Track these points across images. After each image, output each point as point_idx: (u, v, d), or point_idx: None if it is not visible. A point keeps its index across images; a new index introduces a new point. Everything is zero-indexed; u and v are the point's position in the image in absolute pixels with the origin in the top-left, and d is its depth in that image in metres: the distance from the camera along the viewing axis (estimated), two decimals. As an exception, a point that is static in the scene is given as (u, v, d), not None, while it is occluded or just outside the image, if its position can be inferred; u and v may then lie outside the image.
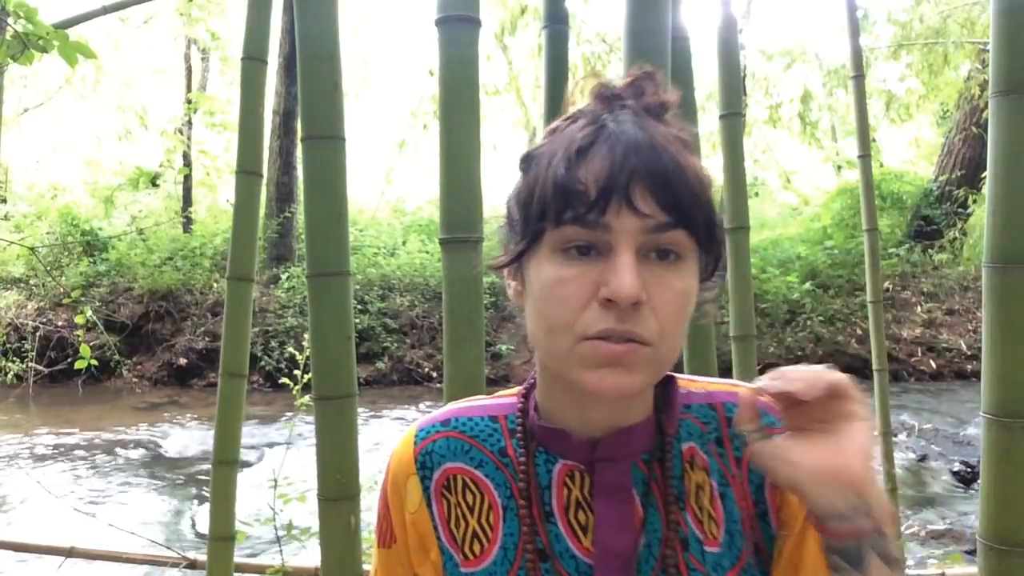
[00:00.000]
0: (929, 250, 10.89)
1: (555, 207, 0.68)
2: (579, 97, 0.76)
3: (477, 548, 0.78)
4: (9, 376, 9.43)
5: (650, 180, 0.66)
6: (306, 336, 2.11)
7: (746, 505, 0.76)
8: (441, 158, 1.42)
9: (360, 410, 1.66)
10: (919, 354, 9.56)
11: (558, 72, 1.83)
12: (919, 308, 10.19)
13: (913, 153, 15.56)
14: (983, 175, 8.44)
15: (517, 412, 0.81)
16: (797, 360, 9.43)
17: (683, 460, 0.77)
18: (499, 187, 0.82)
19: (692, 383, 0.82)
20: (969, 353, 9.32)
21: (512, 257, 0.74)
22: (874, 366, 3.22)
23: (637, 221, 0.66)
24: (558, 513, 0.76)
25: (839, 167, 14.31)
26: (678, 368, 0.81)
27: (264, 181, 2.56)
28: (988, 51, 1.58)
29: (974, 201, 10.45)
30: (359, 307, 9.79)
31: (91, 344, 3.53)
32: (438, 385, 9.09)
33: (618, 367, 0.68)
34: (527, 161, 0.74)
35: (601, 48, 11.46)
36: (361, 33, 16.36)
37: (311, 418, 1.61)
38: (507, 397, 0.85)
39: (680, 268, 0.69)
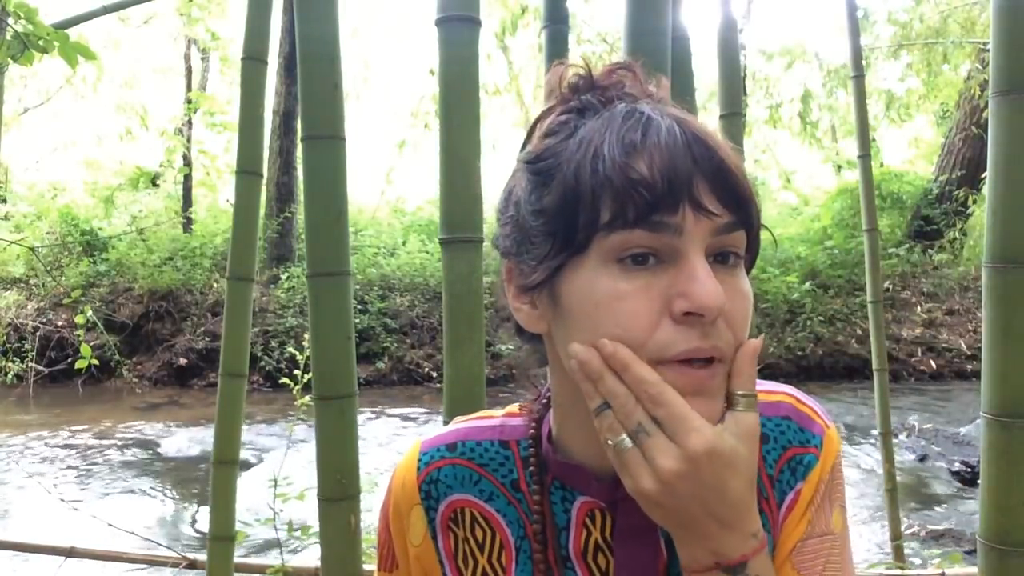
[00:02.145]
0: (929, 250, 10.89)
1: (612, 207, 0.58)
2: (556, 85, 0.67)
3: None
4: (9, 376, 9.43)
5: (712, 175, 0.59)
6: (306, 336, 2.11)
7: (775, 525, 0.69)
8: (441, 158, 1.42)
9: (360, 410, 1.65)
10: (919, 354, 9.56)
11: (558, 72, 1.82)
12: (919, 308, 10.19)
13: (913, 153, 15.57)
14: (983, 175, 8.44)
15: (529, 439, 0.73)
16: (797, 360, 9.45)
17: None
18: (499, 187, 0.74)
19: None
20: (969, 353, 9.33)
21: (547, 274, 0.62)
22: (874, 366, 3.22)
23: (706, 222, 0.58)
24: (575, 557, 0.69)
25: (839, 167, 14.31)
26: None
27: (264, 181, 2.56)
28: (988, 51, 1.58)
29: (974, 201, 10.46)
30: (359, 307, 9.79)
31: (91, 344, 3.53)
32: (438, 385, 9.09)
33: (703, 395, 0.59)
34: (542, 161, 0.63)
35: (601, 48, 11.46)
36: (361, 33, 16.38)
37: (311, 418, 1.61)
38: (518, 416, 0.77)
39: (741, 270, 0.62)
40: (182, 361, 9.71)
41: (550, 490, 0.71)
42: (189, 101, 11.76)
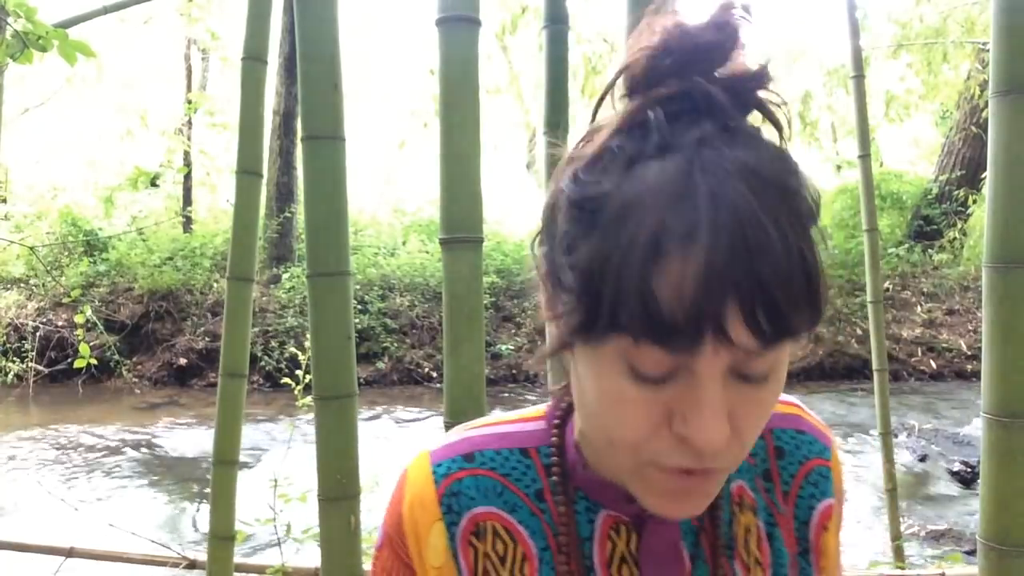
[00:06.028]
0: (929, 250, 10.89)
1: (631, 317, 0.51)
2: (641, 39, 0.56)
3: None
4: (9, 376, 9.43)
5: (751, 300, 0.49)
6: (306, 336, 2.11)
7: (791, 543, 0.70)
8: (441, 158, 1.42)
9: (361, 410, 1.65)
10: (919, 354, 9.56)
11: (558, 72, 1.83)
12: (919, 308, 10.19)
13: (913, 153, 15.57)
14: (983, 175, 8.44)
15: (551, 447, 0.70)
16: (798, 360, 9.44)
17: (732, 503, 0.69)
18: (499, 187, 0.69)
19: None
20: (969, 353, 9.33)
21: (561, 344, 0.59)
22: (874, 366, 3.23)
23: (729, 353, 0.52)
24: (600, 568, 0.68)
25: (839, 167, 14.31)
26: None
27: (264, 181, 2.56)
28: (988, 51, 1.58)
29: (974, 201, 10.46)
30: (359, 307, 9.79)
31: (91, 344, 3.53)
32: (438, 385, 9.09)
33: (690, 497, 0.58)
34: (584, 202, 0.55)
35: (602, 48, 11.46)
36: (361, 33, 16.36)
37: (312, 418, 1.61)
38: (532, 421, 0.73)
39: (771, 380, 0.55)
40: (182, 361, 9.71)
41: (574, 500, 0.69)
42: (189, 101, 11.76)
